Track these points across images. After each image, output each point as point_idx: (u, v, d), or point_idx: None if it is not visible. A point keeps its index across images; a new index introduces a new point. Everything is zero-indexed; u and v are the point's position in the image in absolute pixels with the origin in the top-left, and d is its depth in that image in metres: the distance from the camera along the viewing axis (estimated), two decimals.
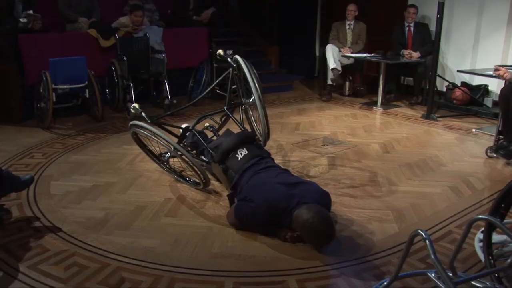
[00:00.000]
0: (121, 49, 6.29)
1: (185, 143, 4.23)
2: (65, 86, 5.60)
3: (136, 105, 3.97)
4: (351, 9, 7.69)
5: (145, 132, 3.75)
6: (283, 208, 3.00)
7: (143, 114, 3.91)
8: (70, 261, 2.80)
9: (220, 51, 4.66)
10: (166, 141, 3.66)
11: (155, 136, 3.69)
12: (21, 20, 5.92)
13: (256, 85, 3.91)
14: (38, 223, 3.28)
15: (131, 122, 3.88)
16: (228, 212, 3.35)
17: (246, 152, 3.59)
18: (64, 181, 4.06)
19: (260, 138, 4.14)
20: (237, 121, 4.31)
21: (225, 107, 4.34)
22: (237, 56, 4.16)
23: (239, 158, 3.56)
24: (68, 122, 5.88)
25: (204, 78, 7.02)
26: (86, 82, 5.74)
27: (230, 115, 4.32)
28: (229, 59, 4.29)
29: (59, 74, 5.51)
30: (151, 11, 7.30)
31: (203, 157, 4.11)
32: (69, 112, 6.03)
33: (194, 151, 4.18)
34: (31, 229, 3.20)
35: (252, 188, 3.27)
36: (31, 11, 5.98)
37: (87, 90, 5.80)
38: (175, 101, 6.37)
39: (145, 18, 6.80)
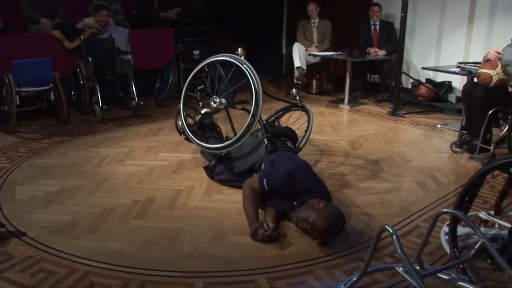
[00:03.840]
0: (87, 50, 6.20)
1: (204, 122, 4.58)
2: (29, 89, 5.49)
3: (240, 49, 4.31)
4: (311, 8, 7.78)
5: (227, 59, 4.11)
6: (303, 186, 3.18)
7: (243, 57, 4.19)
8: (37, 267, 2.74)
9: (294, 90, 4.91)
10: (248, 66, 3.96)
11: (243, 65, 3.98)
12: None
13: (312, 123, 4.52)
14: (2, 229, 3.20)
15: (225, 54, 4.22)
16: (248, 180, 3.48)
17: (293, 147, 4.12)
18: (30, 186, 3.98)
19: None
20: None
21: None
22: (309, 108, 4.64)
23: (288, 144, 4.04)
24: (33, 126, 5.77)
25: (171, 79, 6.98)
26: (51, 85, 5.64)
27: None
28: (298, 97, 4.73)
29: (22, 77, 5.40)
30: (116, 12, 7.21)
31: (207, 144, 4.16)
32: (34, 115, 5.92)
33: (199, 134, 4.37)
34: None
35: (285, 158, 3.54)
36: None
37: (52, 93, 5.69)
38: (141, 103, 6.32)
39: (110, 18, 6.72)
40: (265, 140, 3.92)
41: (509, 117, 4.50)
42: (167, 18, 7.63)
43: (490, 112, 4.48)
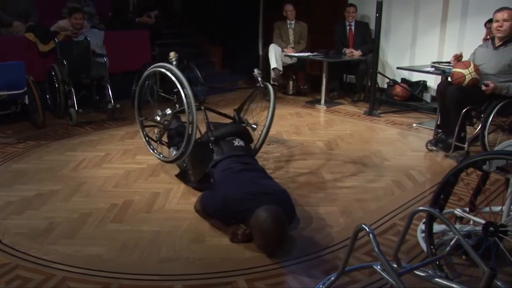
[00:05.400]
0: (61, 53, 6.12)
1: (170, 128, 4.36)
2: (2, 93, 5.39)
3: (172, 52, 4.24)
4: (289, 9, 7.81)
5: (169, 74, 3.93)
6: (241, 209, 3.03)
7: (174, 63, 4.11)
8: (12, 275, 2.70)
9: (255, 71, 4.68)
10: (185, 83, 3.76)
11: (176, 79, 3.82)
12: None
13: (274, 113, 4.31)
14: None
15: (158, 64, 4.15)
16: (195, 203, 3.42)
17: (242, 144, 3.85)
18: (5, 191, 3.91)
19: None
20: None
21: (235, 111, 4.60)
22: (269, 85, 4.49)
23: (234, 144, 3.79)
24: (7, 130, 5.68)
25: (147, 82, 6.92)
26: (25, 88, 5.55)
27: (238, 116, 4.55)
28: (259, 78, 4.55)
29: None
30: (91, 15, 7.14)
31: (173, 150, 4.11)
32: (8, 120, 5.81)
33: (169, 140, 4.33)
34: None
35: (222, 178, 3.40)
36: None
37: (26, 97, 5.60)
38: (118, 105, 6.27)
39: (85, 21, 6.65)
40: (211, 145, 3.79)
41: (482, 116, 4.58)
42: (144, 23, 7.57)
43: (463, 110, 4.56)
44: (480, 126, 4.58)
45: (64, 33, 6.46)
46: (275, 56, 7.52)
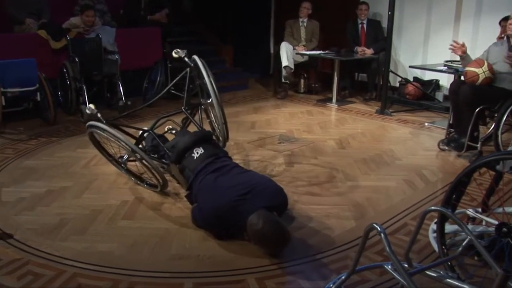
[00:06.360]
0: (73, 50, 6.15)
1: (146, 147, 4.14)
2: (15, 90, 5.43)
3: (91, 105, 3.85)
4: (305, 6, 7.77)
5: (102, 133, 3.68)
6: (234, 218, 2.98)
7: (98, 115, 3.79)
8: (24, 270, 2.72)
9: (178, 51, 4.47)
10: (124, 142, 3.59)
11: (112, 137, 3.62)
12: None
13: (214, 85, 3.89)
14: None
15: (88, 123, 3.77)
16: (191, 216, 3.33)
17: (202, 151, 3.54)
18: (16, 188, 3.93)
19: (220, 138, 4.12)
20: (195, 121, 4.28)
21: (182, 108, 4.28)
22: (194, 56, 4.13)
23: (195, 157, 3.50)
24: (19, 127, 5.72)
25: (158, 79, 6.96)
26: (37, 85, 5.59)
27: (188, 115, 4.28)
28: (186, 59, 4.23)
29: (7, 77, 5.34)
30: (103, 12, 7.17)
31: (164, 160, 4.05)
32: (20, 116, 5.86)
33: (156, 155, 4.04)
34: None
35: (202, 194, 3.25)
36: None
37: (38, 93, 5.64)
38: (129, 102, 6.28)
39: (97, 18, 6.67)
40: (177, 167, 3.61)
41: (496, 115, 4.54)
42: (156, 21, 7.57)
43: (477, 110, 4.52)
44: (493, 126, 4.53)
45: (76, 30, 6.48)
46: (287, 54, 7.49)
